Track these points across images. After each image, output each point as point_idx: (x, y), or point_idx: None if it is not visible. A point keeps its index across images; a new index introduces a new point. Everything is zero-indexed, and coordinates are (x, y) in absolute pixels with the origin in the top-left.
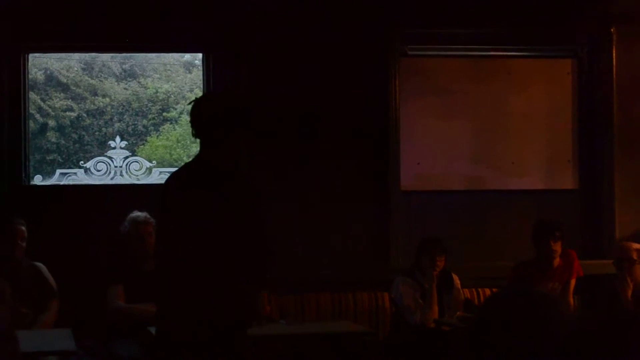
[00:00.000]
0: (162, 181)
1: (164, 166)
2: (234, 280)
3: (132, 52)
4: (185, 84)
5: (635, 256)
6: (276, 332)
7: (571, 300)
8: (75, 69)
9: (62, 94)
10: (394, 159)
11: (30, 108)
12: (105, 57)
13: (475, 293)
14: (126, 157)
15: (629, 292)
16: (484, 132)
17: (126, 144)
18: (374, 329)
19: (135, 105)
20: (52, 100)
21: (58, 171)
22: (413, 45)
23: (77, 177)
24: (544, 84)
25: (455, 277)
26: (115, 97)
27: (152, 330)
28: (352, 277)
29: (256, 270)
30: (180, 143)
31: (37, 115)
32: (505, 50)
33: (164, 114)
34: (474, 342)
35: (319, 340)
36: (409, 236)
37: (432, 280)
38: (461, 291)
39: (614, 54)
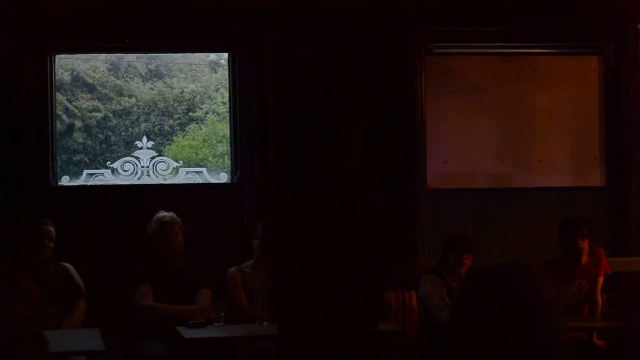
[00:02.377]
0: (189, 181)
1: (190, 166)
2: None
3: (157, 52)
4: (211, 83)
5: None
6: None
7: (599, 298)
8: (102, 69)
9: (88, 95)
10: (420, 158)
11: (56, 109)
12: (131, 57)
13: None
14: (153, 157)
15: None
16: (510, 130)
17: (153, 144)
18: (401, 328)
19: (161, 105)
20: (79, 101)
21: (85, 172)
22: (439, 43)
23: (104, 177)
24: (570, 82)
25: None
26: (141, 98)
27: (180, 330)
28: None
29: None
30: (206, 142)
31: (64, 116)
32: (531, 47)
33: (190, 113)
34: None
35: None
36: (436, 234)
37: (459, 278)
38: None
39: None
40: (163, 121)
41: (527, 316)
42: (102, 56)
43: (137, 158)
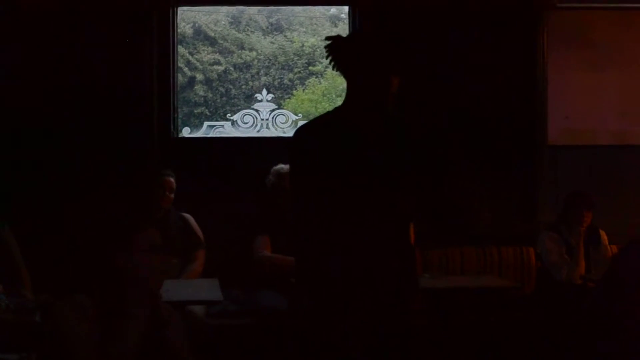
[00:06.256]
0: None
1: (309, 119)
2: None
3: (278, 5)
4: None
5: None
6: (420, 285)
7: None
8: (223, 23)
9: (209, 48)
10: (541, 113)
11: (178, 62)
12: (252, 10)
13: None
14: (272, 110)
15: None
16: (633, 85)
17: (272, 97)
18: (519, 284)
19: (281, 59)
20: (200, 54)
21: (205, 124)
22: None
23: (224, 129)
24: None
25: (603, 233)
26: (261, 51)
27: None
28: (498, 232)
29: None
30: (325, 97)
31: (186, 69)
32: None
33: (310, 67)
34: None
35: (463, 294)
36: (556, 191)
37: (579, 235)
38: (608, 247)
39: None
40: (283, 75)
41: None
42: (224, 9)
43: (257, 111)
